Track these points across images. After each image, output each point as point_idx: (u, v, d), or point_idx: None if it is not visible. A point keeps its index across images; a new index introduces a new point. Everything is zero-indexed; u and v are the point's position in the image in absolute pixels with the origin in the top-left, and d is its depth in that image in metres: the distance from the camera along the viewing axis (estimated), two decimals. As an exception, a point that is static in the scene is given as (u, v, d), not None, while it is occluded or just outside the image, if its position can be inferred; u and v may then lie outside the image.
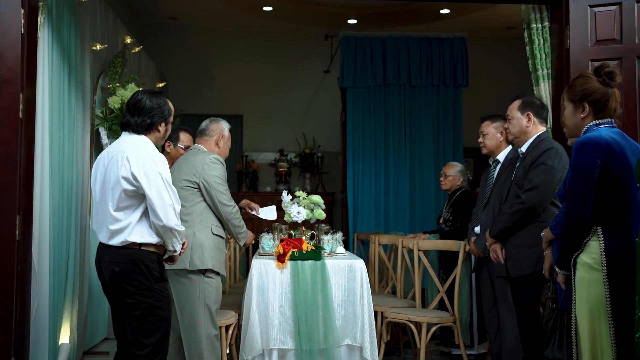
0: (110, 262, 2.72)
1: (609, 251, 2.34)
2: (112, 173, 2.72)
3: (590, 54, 4.00)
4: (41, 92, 3.75)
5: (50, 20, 3.82)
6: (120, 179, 2.68)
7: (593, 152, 2.36)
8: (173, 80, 8.14)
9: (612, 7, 3.99)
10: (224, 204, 3.41)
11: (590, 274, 2.36)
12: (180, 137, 4.17)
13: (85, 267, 4.56)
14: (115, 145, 2.83)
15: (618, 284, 2.32)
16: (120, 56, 5.17)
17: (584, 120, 2.51)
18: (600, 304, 2.33)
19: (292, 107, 8.75)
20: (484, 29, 7.85)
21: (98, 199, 2.81)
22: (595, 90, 2.48)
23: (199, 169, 3.41)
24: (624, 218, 2.37)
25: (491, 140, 3.93)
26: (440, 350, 4.95)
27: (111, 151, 2.80)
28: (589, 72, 2.55)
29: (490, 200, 3.69)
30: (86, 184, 4.60)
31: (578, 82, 2.55)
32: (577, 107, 2.51)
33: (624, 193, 2.37)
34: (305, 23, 8.14)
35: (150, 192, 2.67)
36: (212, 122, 3.68)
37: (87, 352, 4.76)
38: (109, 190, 2.72)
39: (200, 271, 3.34)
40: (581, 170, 2.37)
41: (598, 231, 2.38)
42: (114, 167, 2.72)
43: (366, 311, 3.66)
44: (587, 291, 2.37)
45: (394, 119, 6.53)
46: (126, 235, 2.70)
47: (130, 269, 2.69)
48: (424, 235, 4.83)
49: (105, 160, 2.80)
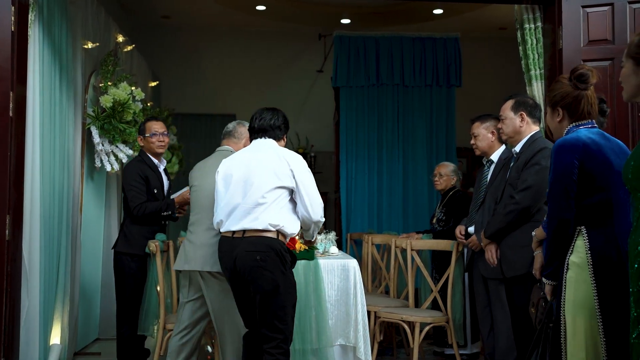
0: (250, 251, 2.89)
1: (593, 249, 2.37)
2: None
3: (583, 54, 4.01)
4: (32, 90, 3.72)
5: (41, 18, 3.79)
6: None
7: (570, 153, 2.41)
8: (166, 79, 8.10)
9: (605, 7, 4.00)
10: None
11: (577, 273, 2.38)
12: (146, 127, 4.15)
13: (77, 267, 4.53)
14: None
15: (605, 282, 2.34)
16: (113, 55, 5.14)
17: (561, 124, 2.56)
18: (588, 303, 2.35)
19: (285, 106, 8.56)
20: (477, 29, 7.85)
21: (236, 192, 3.00)
22: (567, 94, 2.53)
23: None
24: (606, 216, 2.40)
25: (483, 141, 3.92)
26: (433, 350, 4.95)
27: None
28: (563, 76, 2.61)
29: (485, 200, 3.69)
30: (77, 184, 4.57)
31: (553, 87, 2.61)
32: (554, 112, 2.58)
33: (605, 191, 2.40)
34: (298, 22, 8.13)
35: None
36: (239, 125, 3.69)
37: (79, 352, 4.74)
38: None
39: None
40: (559, 172, 2.42)
41: (582, 230, 2.41)
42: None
43: (359, 311, 3.65)
44: (574, 290, 2.38)
45: (387, 118, 6.54)
46: (269, 220, 2.93)
47: (271, 257, 2.89)
48: (417, 235, 4.83)
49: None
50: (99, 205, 5.26)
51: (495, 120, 3.84)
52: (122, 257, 4.03)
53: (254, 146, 3.18)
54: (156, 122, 4.21)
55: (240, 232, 2.96)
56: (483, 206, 3.68)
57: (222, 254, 3.04)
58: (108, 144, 4.85)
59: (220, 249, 3.06)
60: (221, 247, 3.05)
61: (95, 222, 5.18)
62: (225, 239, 3.03)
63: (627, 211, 2.38)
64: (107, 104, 4.72)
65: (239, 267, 2.93)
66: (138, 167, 4.07)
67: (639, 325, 1.99)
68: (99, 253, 5.23)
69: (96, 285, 5.19)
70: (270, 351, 2.91)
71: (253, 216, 2.95)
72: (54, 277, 4.01)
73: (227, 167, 3.13)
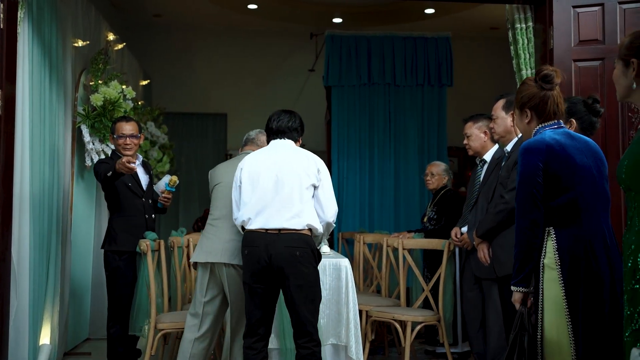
0: (290, 246, 2.98)
1: (561, 249, 2.37)
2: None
3: (574, 54, 4.03)
4: (21, 88, 3.69)
5: (30, 16, 3.76)
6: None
7: (534, 155, 2.42)
8: (157, 78, 8.07)
9: (595, 8, 4.02)
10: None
11: (548, 273, 2.39)
12: (116, 127, 4.10)
13: (67, 266, 4.50)
14: None
15: (573, 282, 2.34)
16: (103, 53, 5.11)
17: (529, 126, 2.57)
18: (558, 303, 2.36)
19: (277, 105, 8.54)
20: (469, 29, 7.87)
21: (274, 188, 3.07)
22: (533, 95, 2.53)
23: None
24: (574, 216, 2.40)
25: (475, 141, 3.92)
26: (424, 349, 4.96)
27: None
28: (529, 78, 2.62)
29: (478, 200, 3.70)
30: (67, 182, 4.54)
31: (520, 89, 2.62)
32: (522, 114, 2.59)
33: (571, 191, 2.40)
34: (290, 21, 8.12)
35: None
36: (260, 134, 3.71)
37: (69, 352, 4.71)
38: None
39: None
40: (525, 174, 2.43)
41: (551, 231, 2.42)
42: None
43: (351, 310, 3.65)
44: (546, 291, 2.39)
45: (378, 118, 6.54)
46: (306, 221, 3.04)
47: (308, 253, 3.01)
48: (408, 234, 4.83)
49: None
50: (89, 204, 5.23)
51: (487, 120, 3.85)
52: (110, 256, 4.01)
53: (274, 146, 3.25)
54: (127, 122, 4.11)
55: (275, 229, 3.02)
56: (476, 206, 3.69)
57: (252, 249, 3.04)
58: (98, 142, 4.83)
59: (250, 244, 3.05)
60: (252, 243, 3.05)
61: (86, 221, 5.15)
62: (257, 235, 3.04)
63: (594, 210, 2.41)
64: (97, 102, 4.69)
65: (276, 263, 2.98)
66: (101, 167, 4.00)
67: (632, 323, 2.00)
68: (90, 252, 5.20)
69: (87, 285, 5.16)
70: (305, 345, 3.02)
71: (290, 214, 3.03)
72: (44, 277, 3.98)
73: (252, 165, 3.16)
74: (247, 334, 3.11)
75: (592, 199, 2.41)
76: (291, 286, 3.00)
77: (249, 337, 3.09)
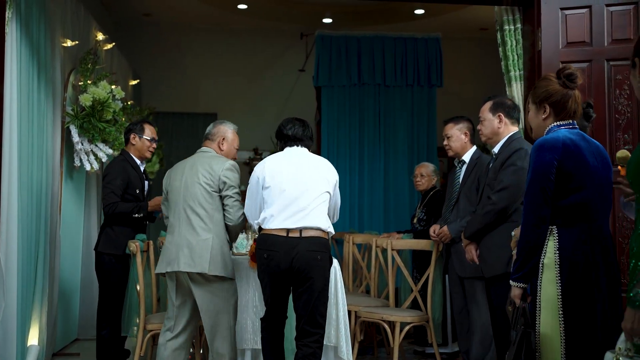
0: (312, 250, 3.07)
1: (562, 249, 2.37)
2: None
3: (561, 56, 4.06)
4: (9, 88, 3.67)
5: (18, 15, 3.74)
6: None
7: (549, 152, 2.41)
8: (147, 77, 8.04)
9: (583, 10, 4.05)
10: (239, 209, 3.39)
11: (546, 273, 2.40)
12: (145, 129, 4.14)
13: (55, 267, 4.48)
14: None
15: (570, 283, 2.35)
16: (92, 53, 5.09)
17: (545, 122, 2.56)
18: (553, 303, 2.36)
19: (267, 105, 8.71)
20: (459, 30, 7.90)
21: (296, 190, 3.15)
22: (556, 91, 2.53)
23: (219, 173, 3.37)
24: (578, 218, 2.40)
25: (456, 142, 3.94)
26: (413, 349, 4.98)
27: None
28: (551, 75, 2.61)
29: (459, 200, 3.73)
30: (56, 183, 4.52)
31: (540, 84, 2.61)
32: (539, 109, 2.57)
33: (579, 193, 2.40)
34: (280, 21, 8.11)
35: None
36: (214, 125, 3.65)
37: (57, 353, 4.68)
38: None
39: (217, 276, 3.30)
40: (538, 170, 2.41)
41: (553, 230, 2.42)
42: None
43: (340, 310, 3.65)
44: (543, 290, 2.40)
45: (368, 118, 6.56)
46: (326, 225, 3.17)
47: (326, 256, 3.14)
48: (397, 235, 4.85)
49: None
50: (78, 205, 5.20)
51: (467, 122, 3.90)
52: (105, 257, 3.99)
53: (295, 152, 3.31)
54: (152, 127, 4.22)
55: (297, 231, 3.08)
56: (457, 205, 3.72)
57: (272, 254, 3.09)
58: (87, 143, 4.81)
59: (270, 248, 3.10)
60: (272, 247, 3.10)
61: (75, 221, 5.13)
62: (277, 238, 3.09)
63: (597, 214, 2.42)
64: (86, 102, 4.67)
65: (297, 265, 3.06)
66: (121, 167, 4.04)
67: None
68: (79, 253, 5.18)
69: (76, 285, 5.14)
70: (309, 344, 3.10)
71: (312, 217, 3.12)
72: (32, 277, 3.96)
73: (273, 168, 3.22)
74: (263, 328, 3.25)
75: (599, 203, 2.41)
76: (310, 289, 3.09)
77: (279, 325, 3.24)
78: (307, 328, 3.11)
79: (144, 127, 4.15)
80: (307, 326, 3.11)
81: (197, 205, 3.33)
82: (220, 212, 3.38)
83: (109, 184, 3.97)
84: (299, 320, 3.15)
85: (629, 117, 3.93)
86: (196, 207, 3.33)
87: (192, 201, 3.34)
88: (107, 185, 3.97)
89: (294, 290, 3.16)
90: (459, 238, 3.60)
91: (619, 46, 3.96)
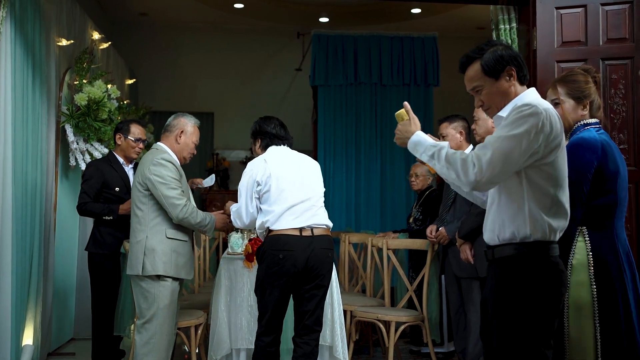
0: (325, 248, 3.09)
1: (595, 250, 2.35)
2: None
3: (557, 55, 4.07)
4: (4, 88, 3.66)
5: (13, 14, 3.73)
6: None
7: (590, 152, 2.37)
8: (143, 76, 8.02)
9: (578, 9, 4.06)
10: (173, 205, 3.23)
11: (576, 275, 2.37)
12: (131, 129, 4.09)
13: (50, 266, 4.47)
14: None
15: (604, 284, 2.33)
16: (88, 52, 5.07)
17: (582, 118, 2.50)
18: (586, 305, 2.34)
19: (264, 104, 8.70)
20: (455, 29, 7.90)
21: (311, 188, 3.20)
22: (593, 90, 2.52)
23: (146, 170, 3.28)
24: (608, 218, 2.39)
25: (451, 141, 3.91)
26: (409, 349, 4.98)
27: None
28: (582, 73, 2.55)
29: (455, 200, 3.72)
30: (51, 182, 4.51)
31: (580, 79, 2.53)
32: (579, 105, 2.50)
33: (611, 194, 2.38)
34: (277, 21, 8.11)
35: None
36: (174, 118, 3.50)
37: (52, 353, 4.67)
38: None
39: (152, 277, 3.23)
40: (578, 170, 2.35)
41: (584, 231, 2.39)
42: None
43: (336, 310, 3.65)
44: (573, 292, 2.37)
45: (365, 117, 6.56)
46: (329, 222, 3.20)
47: (333, 254, 3.19)
48: (393, 234, 4.85)
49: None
50: (73, 204, 5.17)
51: (463, 120, 3.88)
52: (94, 257, 3.99)
53: (286, 152, 3.29)
54: (141, 127, 4.16)
55: (309, 230, 3.08)
56: (454, 206, 3.71)
57: (288, 254, 3.03)
58: (83, 142, 4.80)
59: (285, 248, 3.04)
60: (286, 246, 3.04)
61: (70, 221, 5.11)
62: (291, 238, 3.05)
63: (621, 216, 2.42)
64: (82, 102, 4.66)
65: (312, 264, 3.05)
66: (97, 168, 4.03)
67: None
68: (74, 252, 5.16)
69: (71, 285, 5.13)
70: (309, 342, 3.12)
71: (320, 216, 3.15)
72: (27, 277, 3.95)
73: (276, 168, 3.16)
74: (264, 333, 3.12)
75: (623, 205, 2.41)
76: (322, 286, 3.13)
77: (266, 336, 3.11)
78: (311, 325, 3.12)
79: (130, 127, 4.09)
80: (312, 323, 3.12)
81: (135, 206, 3.31)
82: (157, 211, 3.27)
83: (82, 184, 4.01)
84: (303, 317, 3.12)
85: (624, 117, 3.93)
86: (135, 208, 3.31)
87: (134, 203, 3.32)
88: (82, 185, 4.02)
89: (302, 288, 3.11)
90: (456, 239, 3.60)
91: (614, 45, 3.96)
